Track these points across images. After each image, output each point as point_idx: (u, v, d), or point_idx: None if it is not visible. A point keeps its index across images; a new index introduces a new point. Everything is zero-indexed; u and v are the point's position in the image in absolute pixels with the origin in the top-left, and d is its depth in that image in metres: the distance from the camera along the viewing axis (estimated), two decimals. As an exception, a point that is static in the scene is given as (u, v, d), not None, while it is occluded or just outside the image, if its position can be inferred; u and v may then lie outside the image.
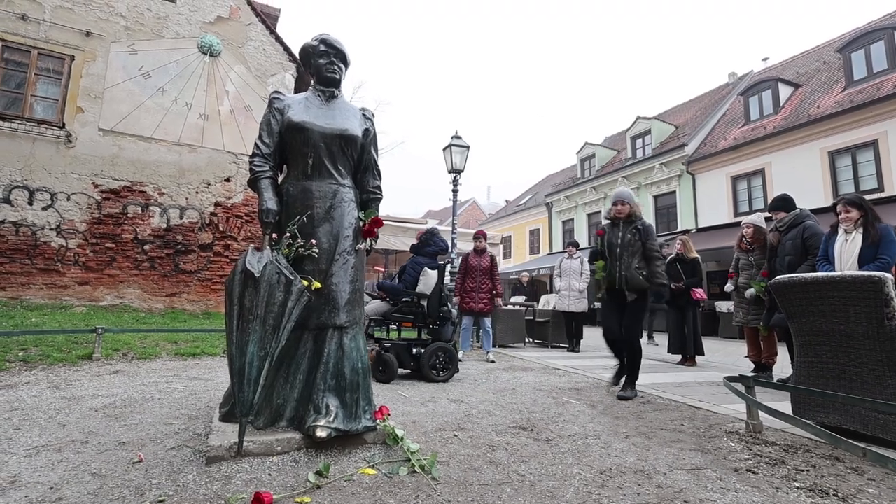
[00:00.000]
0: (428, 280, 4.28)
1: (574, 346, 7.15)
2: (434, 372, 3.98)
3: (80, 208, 8.17)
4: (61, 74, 8.31)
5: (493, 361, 5.42)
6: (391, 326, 4.50)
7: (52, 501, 1.50)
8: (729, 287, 4.92)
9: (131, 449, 2.00)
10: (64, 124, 8.16)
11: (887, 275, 2.22)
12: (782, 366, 4.78)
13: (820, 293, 2.44)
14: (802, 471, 1.88)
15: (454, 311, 4.76)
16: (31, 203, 7.84)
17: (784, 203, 4.21)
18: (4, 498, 1.52)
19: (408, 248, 11.87)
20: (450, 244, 8.53)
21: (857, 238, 3.28)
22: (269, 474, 1.74)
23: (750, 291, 4.55)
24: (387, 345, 4.00)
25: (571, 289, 6.99)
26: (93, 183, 8.29)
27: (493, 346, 6.21)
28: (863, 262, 3.18)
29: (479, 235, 6.03)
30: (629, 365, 3.59)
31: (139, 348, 4.82)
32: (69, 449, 1.99)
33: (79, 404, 2.74)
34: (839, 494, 1.64)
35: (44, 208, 7.90)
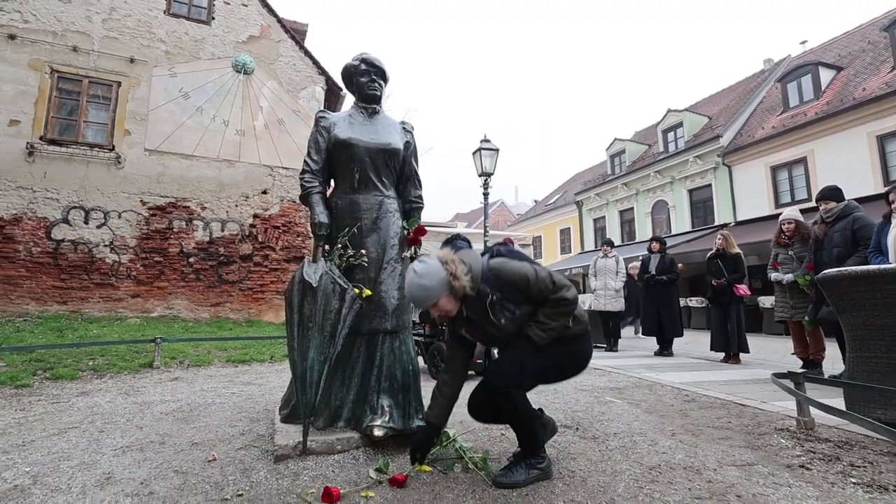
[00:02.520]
0: None
1: (612, 345, 7.08)
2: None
3: (130, 225, 8.69)
4: (109, 100, 8.88)
5: None
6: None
7: (144, 495, 1.67)
8: (777, 276, 4.65)
9: (204, 449, 2.17)
10: (113, 146, 8.71)
11: (944, 266, 2.16)
12: (833, 361, 4.62)
13: (872, 286, 2.38)
14: (859, 467, 1.86)
15: None
16: (86, 222, 8.41)
17: (834, 193, 4.08)
18: (105, 491, 1.69)
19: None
20: (482, 246, 8.60)
21: (910, 227, 3.17)
22: (333, 471, 1.86)
23: (788, 277, 4.42)
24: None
25: (607, 288, 6.93)
26: (141, 201, 8.81)
27: None
28: (918, 252, 3.07)
29: (509, 242, 6.21)
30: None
31: (193, 356, 5.11)
32: (150, 449, 2.18)
33: (150, 409, 2.97)
34: (899, 490, 1.63)
35: (98, 226, 8.45)
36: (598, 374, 4.52)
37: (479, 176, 7.74)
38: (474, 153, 7.76)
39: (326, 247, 2.22)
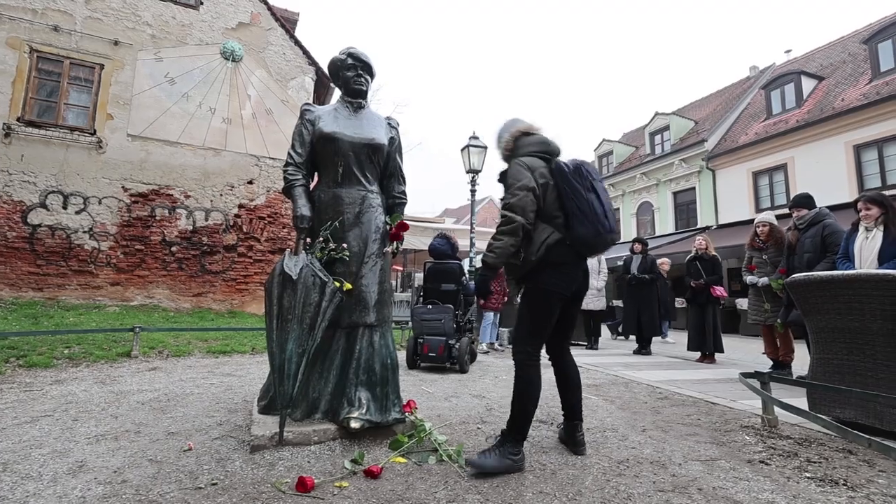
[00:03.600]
0: None
1: (592, 343, 7.20)
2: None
3: (110, 212, 8.52)
4: (92, 83, 8.67)
5: (486, 352, 6.14)
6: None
7: (117, 483, 1.67)
8: (752, 279, 4.75)
9: (180, 438, 2.17)
10: (95, 131, 8.52)
11: (902, 273, 2.26)
12: (803, 363, 4.77)
13: (835, 291, 2.48)
14: (815, 462, 1.95)
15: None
16: (65, 207, 8.22)
17: (807, 200, 4.22)
18: (77, 479, 1.69)
19: (425, 247, 11.95)
20: (469, 244, 8.64)
21: (877, 236, 3.28)
22: (309, 461, 1.89)
23: (762, 280, 4.53)
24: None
25: (590, 287, 7.04)
26: (122, 187, 8.64)
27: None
28: (883, 259, 3.17)
29: None
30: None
31: (173, 346, 5.06)
32: (125, 438, 2.17)
33: (126, 398, 2.95)
34: (848, 484, 1.71)
35: (77, 212, 8.27)
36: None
37: (467, 173, 7.77)
38: (462, 150, 7.79)
39: (308, 240, 2.23)
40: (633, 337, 7.22)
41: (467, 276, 5.12)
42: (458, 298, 4.81)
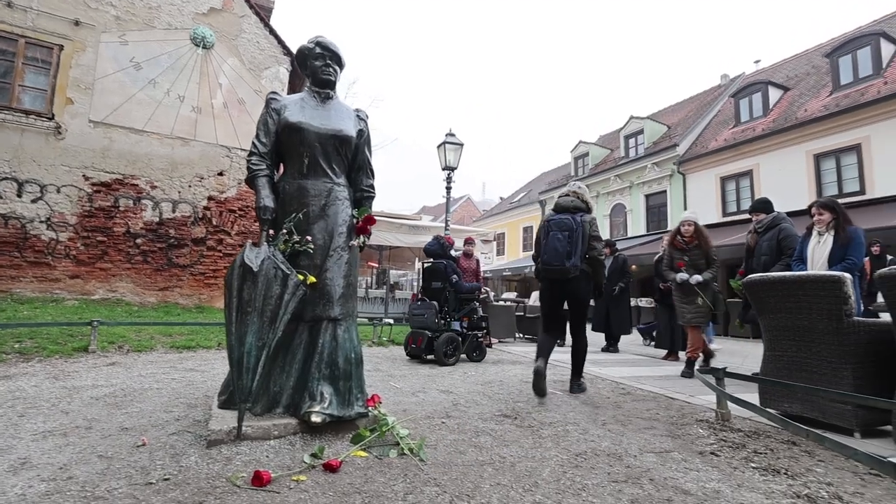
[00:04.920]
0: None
1: (564, 342, 7.31)
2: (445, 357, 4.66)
3: (70, 201, 8.16)
4: (50, 64, 8.26)
5: None
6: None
7: (63, 480, 1.60)
8: (683, 276, 4.44)
9: (134, 434, 2.10)
10: (53, 115, 8.13)
11: (846, 275, 2.39)
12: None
13: (787, 291, 2.60)
14: (761, 453, 2.04)
15: None
16: (19, 195, 7.82)
17: (765, 205, 4.39)
18: (18, 476, 1.62)
19: (401, 244, 11.89)
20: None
21: (828, 239, 3.45)
22: (267, 456, 1.86)
23: (681, 276, 4.39)
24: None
25: None
26: (83, 175, 8.29)
27: None
28: (833, 262, 3.34)
29: (470, 241, 6.85)
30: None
31: (134, 341, 4.89)
32: (74, 434, 2.09)
33: (79, 394, 2.83)
34: (789, 473, 1.80)
35: (33, 200, 7.89)
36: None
37: (443, 170, 7.77)
38: (439, 146, 7.78)
39: (271, 232, 2.19)
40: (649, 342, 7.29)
41: (458, 275, 5.17)
42: (444, 295, 5.04)
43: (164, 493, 1.51)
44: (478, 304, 5.39)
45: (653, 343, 7.16)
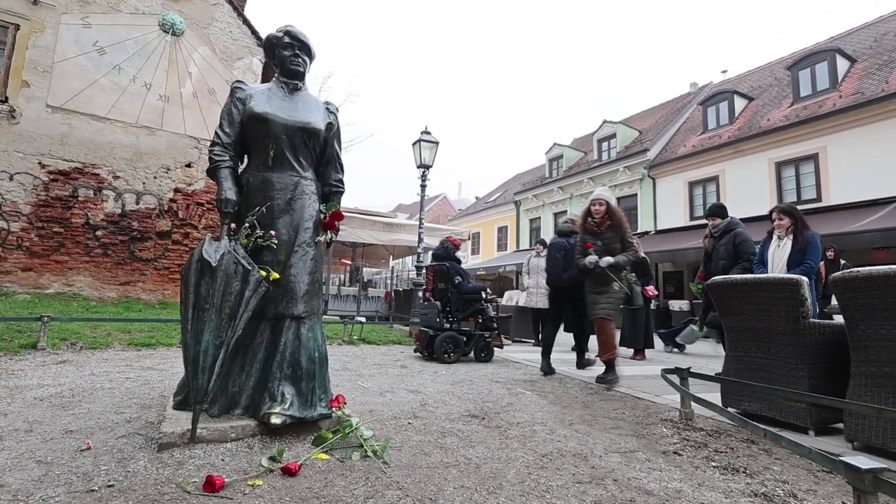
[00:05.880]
0: None
1: (538, 340, 7.37)
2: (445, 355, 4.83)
3: (24, 189, 7.72)
4: (4, 44, 7.80)
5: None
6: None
7: (-7, 488, 1.49)
8: (592, 259, 3.81)
9: (79, 437, 1.97)
10: (7, 98, 7.68)
11: (803, 278, 2.47)
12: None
13: (748, 293, 2.67)
14: (721, 452, 2.08)
15: None
16: (-32, 182, 7.35)
17: (720, 210, 4.54)
18: (-58, 484, 1.49)
19: (375, 241, 11.73)
20: (416, 239, 8.60)
21: (787, 244, 3.57)
22: (223, 460, 1.77)
23: (590, 259, 3.78)
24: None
25: (539, 286, 7.17)
26: (39, 163, 7.85)
27: None
28: (791, 265, 3.47)
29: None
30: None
31: (89, 338, 4.65)
32: (11, 437, 1.95)
33: (21, 394, 2.66)
34: (748, 471, 1.84)
35: (-17, 188, 7.42)
36: (515, 367, 4.70)
37: (418, 168, 7.71)
38: (414, 144, 7.71)
39: (233, 225, 2.10)
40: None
41: (462, 276, 5.29)
42: (447, 296, 5.27)
43: (107, 501, 1.42)
44: (487, 304, 5.44)
45: (676, 350, 6.86)
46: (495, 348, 5.29)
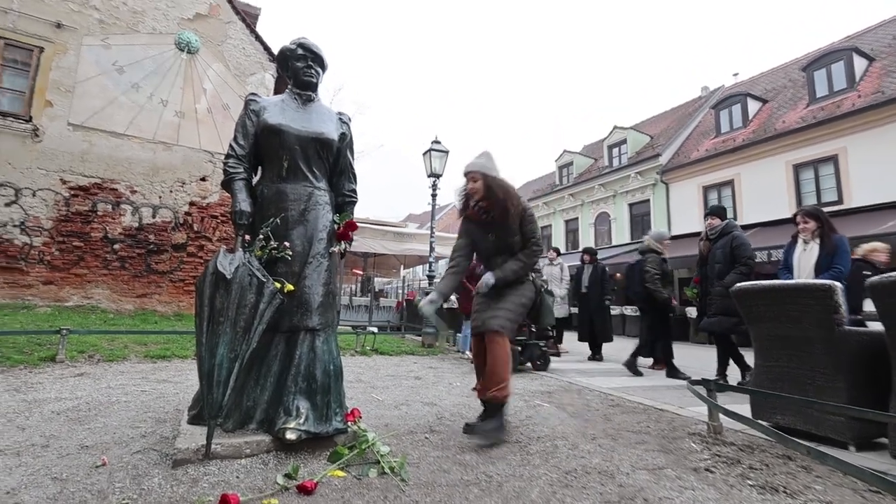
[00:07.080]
0: None
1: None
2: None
3: (46, 205, 7.90)
4: (29, 66, 8.04)
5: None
6: None
7: (8, 506, 1.46)
8: (480, 286, 2.45)
9: (94, 453, 1.95)
10: (31, 118, 7.90)
11: (837, 283, 2.36)
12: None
13: (777, 299, 2.56)
14: (756, 469, 1.97)
15: None
16: (-7, 199, 7.55)
17: (719, 211, 4.44)
18: (-43, 503, 1.47)
19: (386, 251, 11.74)
20: (427, 249, 8.56)
21: (814, 248, 3.45)
22: (238, 476, 1.73)
23: (479, 284, 2.47)
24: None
25: (554, 296, 7.08)
26: (61, 179, 8.04)
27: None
28: (819, 270, 3.34)
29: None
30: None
31: (106, 350, 4.68)
32: (28, 453, 1.93)
33: (40, 407, 2.66)
34: (788, 491, 1.74)
35: (7, 204, 7.62)
36: (531, 378, 4.60)
37: (429, 177, 7.71)
38: (424, 154, 7.72)
39: (247, 237, 2.08)
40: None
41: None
42: None
43: (120, 521, 1.38)
44: None
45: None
46: (552, 357, 5.18)
